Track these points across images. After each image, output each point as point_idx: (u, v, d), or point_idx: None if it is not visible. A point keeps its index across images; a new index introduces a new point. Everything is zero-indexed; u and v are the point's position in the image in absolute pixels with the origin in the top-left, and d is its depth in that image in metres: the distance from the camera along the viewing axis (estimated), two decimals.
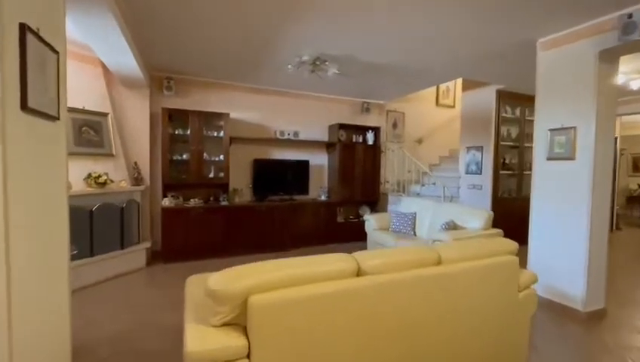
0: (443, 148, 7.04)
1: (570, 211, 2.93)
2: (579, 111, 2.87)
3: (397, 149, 6.17)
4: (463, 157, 5.77)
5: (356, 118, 5.97)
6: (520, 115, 5.54)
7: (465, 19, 2.82)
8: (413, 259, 1.70)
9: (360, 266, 1.57)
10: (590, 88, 2.79)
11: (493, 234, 3.59)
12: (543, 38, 3.12)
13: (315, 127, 5.69)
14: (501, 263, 1.91)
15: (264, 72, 4.47)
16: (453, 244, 1.92)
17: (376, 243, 4.43)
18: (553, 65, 3.06)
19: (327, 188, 5.72)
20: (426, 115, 6.89)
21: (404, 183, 6.18)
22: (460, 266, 1.78)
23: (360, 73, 4.39)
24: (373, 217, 4.63)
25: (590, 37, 2.77)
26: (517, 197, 5.58)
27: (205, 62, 4.09)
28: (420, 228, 4.34)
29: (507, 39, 3.20)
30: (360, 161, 5.63)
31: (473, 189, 5.52)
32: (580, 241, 2.87)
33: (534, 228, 3.25)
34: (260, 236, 4.80)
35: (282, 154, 5.46)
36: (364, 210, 5.90)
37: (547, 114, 3.12)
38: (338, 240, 5.46)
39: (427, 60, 3.87)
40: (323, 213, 5.37)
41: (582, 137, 2.85)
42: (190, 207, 4.40)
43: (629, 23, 2.38)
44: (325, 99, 5.75)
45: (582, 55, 2.84)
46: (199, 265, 4.22)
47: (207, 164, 4.70)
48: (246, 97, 5.16)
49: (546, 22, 2.85)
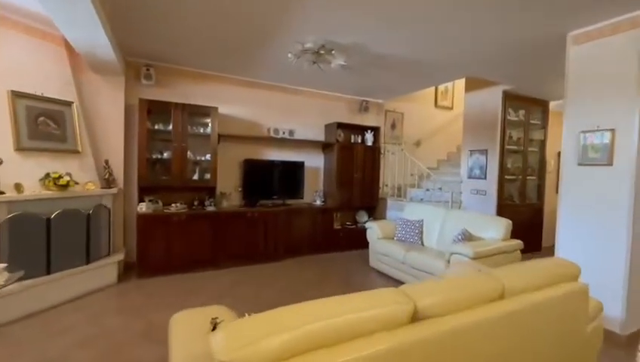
0: (441, 152, 6.78)
1: (607, 223, 2.64)
2: (617, 112, 2.58)
3: (397, 151, 5.83)
4: (465, 160, 5.49)
5: (354, 117, 5.58)
6: (525, 118, 5.33)
7: (489, 10, 2.54)
8: (476, 293, 1.30)
9: (416, 307, 1.14)
10: (631, 86, 2.51)
11: (514, 245, 3.29)
12: (574, 31, 2.82)
13: (311, 126, 5.25)
14: (570, 292, 1.55)
15: (258, 63, 3.99)
16: (513, 269, 1.54)
17: (379, 253, 4.04)
18: (586, 60, 2.78)
19: (322, 192, 5.28)
20: (424, 117, 6.60)
21: (404, 187, 5.85)
22: (528, 299, 1.40)
23: (365, 67, 3.99)
24: (377, 224, 4.24)
25: (630, 30, 2.49)
26: (521, 204, 5.37)
27: (191, 49, 3.57)
28: (429, 237, 3.99)
29: (534, 32, 2.89)
30: (359, 163, 5.24)
31: (477, 195, 5.24)
32: (618, 256, 2.57)
33: (561, 240, 2.95)
34: (250, 245, 4.30)
35: (276, 154, 4.98)
36: (362, 215, 5.51)
37: (578, 114, 2.83)
38: (336, 248, 5.03)
39: (440, 55, 3.53)
40: (319, 219, 4.93)
41: (621, 140, 2.56)
42: (171, 213, 3.85)
43: None
44: (322, 96, 5.32)
45: (621, 50, 2.56)
46: (182, 279, 3.68)
47: (191, 165, 4.16)
48: (237, 91, 4.66)
49: (578, 13, 2.56)
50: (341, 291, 3.46)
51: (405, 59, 3.65)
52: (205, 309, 1.43)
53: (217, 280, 3.70)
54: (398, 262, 3.70)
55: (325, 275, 3.99)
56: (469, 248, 2.99)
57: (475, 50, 3.37)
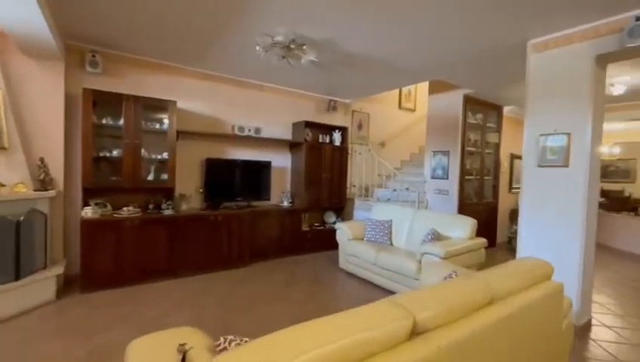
0: (405, 153, 6.94)
1: (563, 220, 2.81)
2: (573, 117, 2.76)
3: (364, 151, 5.84)
4: (428, 161, 5.65)
5: (322, 117, 5.48)
6: (482, 122, 5.62)
7: (455, 17, 2.62)
8: (469, 301, 1.24)
9: (415, 320, 1.05)
10: (585, 93, 2.70)
11: (480, 243, 3.40)
12: (534, 40, 2.98)
13: (278, 124, 5.06)
14: (550, 292, 1.57)
15: (223, 55, 3.71)
16: (497, 273, 1.52)
17: (350, 254, 3.97)
18: (545, 67, 2.94)
19: (290, 192, 5.12)
20: (389, 118, 6.70)
21: (371, 188, 5.88)
22: (515, 302, 1.38)
23: (334, 65, 3.90)
24: (347, 225, 4.17)
25: (586, 40, 2.68)
26: (479, 202, 5.65)
27: (146, 35, 3.21)
28: (397, 237, 4.01)
29: (497, 39, 3.01)
30: (327, 163, 5.15)
31: (440, 194, 5.42)
32: (573, 252, 2.75)
33: (523, 237, 3.10)
34: (213, 250, 4.01)
35: (241, 153, 4.71)
36: (330, 216, 5.44)
37: (538, 118, 2.98)
38: (304, 250, 4.89)
39: (410, 58, 3.55)
40: (287, 220, 4.76)
41: (577, 143, 2.74)
42: (122, 218, 3.44)
43: (636, 26, 2.28)
44: (290, 94, 5.15)
45: (577, 58, 2.74)
46: (135, 291, 3.30)
47: (146, 164, 3.76)
48: (198, 84, 4.32)
49: (538, 23, 2.70)
50: (311, 294, 3.36)
51: (375, 59, 3.62)
52: (170, 333, 1.21)
53: (177, 291, 3.38)
54: (368, 263, 3.66)
55: (294, 279, 3.84)
56: (440, 248, 3.03)
57: (443, 55, 3.43)
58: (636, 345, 2.59)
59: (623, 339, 2.68)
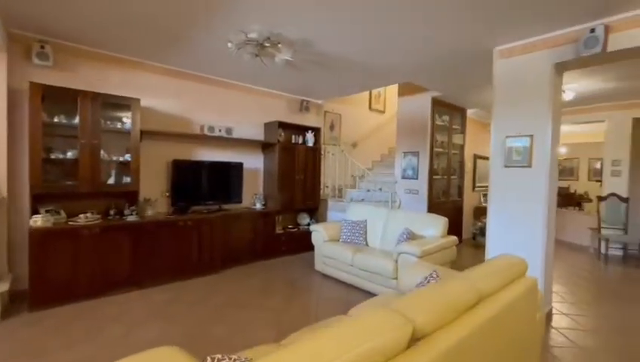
0: (375, 153, 7.07)
1: (528, 217, 2.98)
2: (535, 120, 2.94)
3: (337, 152, 5.85)
4: (399, 162, 5.80)
5: (295, 117, 5.42)
6: (448, 124, 5.87)
7: (425, 22, 2.70)
8: (460, 302, 1.26)
9: (415, 327, 1.03)
10: (546, 98, 2.89)
11: (452, 241, 3.52)
12: (501, 46, 3.14)
13: (249, 124, 4.91)
14: (528, 288, 1.64)
15: (192, 51, 3.52)
16: (480, 272, 1.56)
17: (326, 256, 3.95)
18: (510, 73, 3.11)
19: (263, 194, 4.99)
20: (360, 119, 6.79)
21: (343, 188, 5.91)
22: (500, 301, 1.43)
23: (308, 65, 3.86)
24: (322, 227, 4.14)
25: (546, 49, 2.87)
26: (446, 201, 5.89)
27: (105, 26, 2.95)
28: (372, 237, 4.05)
29: (466, 45, 3.14)
30: (300, 163, 5.09)
31: (410, 194, 5.58)
32: (537, 246, 2.93)
33: (492, 233, 3.25)
34: (182, 257, 3.79)
35: (211, 154, 4.51)
36: (304, 217, 5.38)
37: (504, 121, 3.15)
38: (278, 253, 4.80)
39: (383, 60, 3.60)
40: (260, 223, 4.63)
41: (539, 145, 2.93)
42: (79, 226, 3.13)
43: (590, 38, 2.47)
44: (262, 93, 5.02)
45: (538, 65, 2.92)
46: (95, 306, 3.02)
47: (106, 166, 3.47)
48: (165, 81, 4.06)
49: (504, 30, 2.85)
50: (288, 299, 3.29)
51: (349, 60, 3.63)
52: (147, 356, 1.10)
53: (143, 303, 3.14)
54: (345, 264, 3.66)
55: (270, 283, 3.74)
56: (417, 247, 3.10)
57: (413, 58, 3.52)
58: (590, 331, 2.82)
59: (579, 326, 2.91)
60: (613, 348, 2.55)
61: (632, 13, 2.43)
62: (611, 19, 2.47)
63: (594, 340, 2.66)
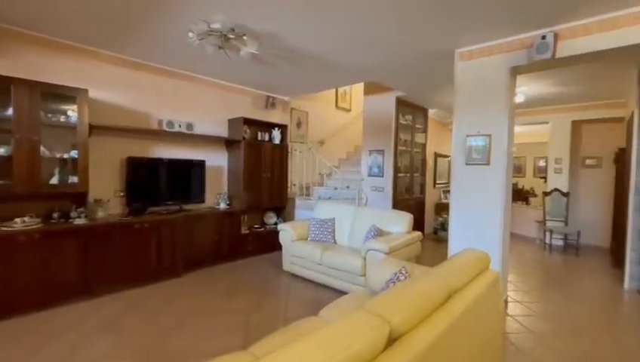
0: (342, 151, 7.12)
1: (487, 212, 3.15)
2: (493, 120, 3.11)
3: (304, 150, 5.79)
4: (365, 159, 5.88)
5: (261, 113, 5.27)
6: (411, 123, 6.06)
7: (390, 21, 2.74)
8: (432, 298, 1.27)
9: (391, 327, 1.02)
10: (502, 100, 3.06)
11: (416, 237, 3.63)
12: (461, 49, 3.27)
13: (213, 120, 4.68)
14: (493, 281, 1.71)
15: (149, 39, 3.26)
16: (448, 267, 1.60)
17: (294, 256, 3.89)
18: (470, 75, 3.25)
19: (227, 194, 4.80)
20: (327, 117, 6.79)
21: (311, 186, 5.87)
22: (469, 295, 1.47)
23: (275, 59, 3.75)
24: (290, 226, 4.07)
25: (502, 53, 3.04)
26: (409, 198, 6.09)
27: (53, 8, 2.62)
28: (340, 235, 4.06)
29: (428, 46, 3.23)
30: (267, 161, 4.97)
31: (376, 191, 5.69)
32: (495, 239, 3.11)
33: (454, 228, 3.39)
34: (139, 262, 3.52)
35: (170, 151, 4.23)
36: (271, 217, 5.27)
37: (465, 121, 3.29)
38: (245, 254, 4.64)
39: (348, 57, 3.59)
40: (225, 224, 4.44)
41: (496, 144, 3.10)
42: (14, 232, 2.77)
43: (541, 44, 2.65)
44: (226, 88, 4.81)
45: (495, 68, 3.09)
46: (33, 322, 2.70)
47: (47, 164, 3.11)
48: (117, 72, 3.73)
49: (465, 34, 2.97)
50: (255, 302, 3.18)
51: (316, 56, 3.58)
52: None
53: (94, 313, 2.87)
54: (314, 263, 3.63)
55: (236, 286, 3.60)
56: (384, 244, 3.14)
57: (378, 57, 3.56)
58: (541, 316, 3.04)
59: (532, 312, 3.13)
60: (560, 330, 2.77)
61: (574, 24, 2.64)
62: (559, 28, 2.67)
63: (544, 324, 2.87)
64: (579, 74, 4.12)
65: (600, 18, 2.54)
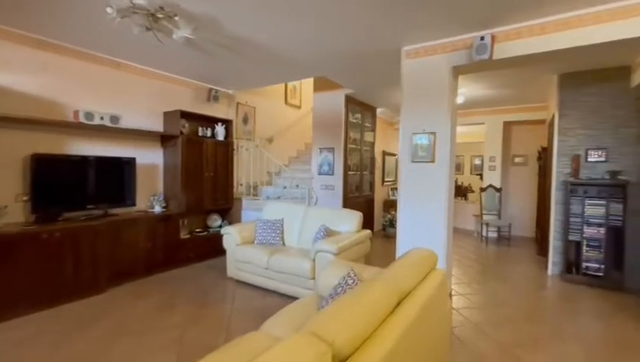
0: (292, 149, 6.92)
1: (432, 209, 3.20)
2: (437, 118, 3.17)
3: (251, 147, 5.49)
4: (315, 158, 5.77)
5: (202, 107, 4.85)
6: (361, 121, 6.08)
7: (336, 15, 2.65)
8: (380, 308, 1.15)
9: (334, 351, 0.86)
10: (446, 99, 3.13)
11: (366, 235, 3.59)
12: (407, 47, 3.28)
13: (143, 113, 4.17)
14: (440, 280, 1.67)
15: (63, 15, 2.73)
16: (397, 270, 1.50)
17: (240, 261, 3.61)
18: (416, 73, 3.28)
19: (163, 195, 4.33)
20: (276, 113, 6.53)
21: (259, 186, 5.59)
22: (420, 298, 1.39)
23: (216, 48, 3.43)
24: (235, 229, 3.78)
25: (446, 53, 3.10)
26: (359, 196, 6.11)
27: None
28: (290, 236, 3.88)
29: (375, 43, 3.20)
30: (209, 159, 4.58)
31: (326, 190, 5.60)
32: (440, 235, 3.17)
33: (402, 224, 3.40)
34: (50, 279, 2.97)
35: (91, 148, 3.66)
36: (215, 219, 4.89)
37: (411, 119, 3.32)
38: (184, 262, 4.23)
39: (295, 50, 3.42)
40: (160, 229, 3.99)
41: (440, 142, 3.16)
42: None
43: (481, 45, 2.74)
44: (162, 77, 4.32)
45: (439, 68, 3.14)
46: None
47: None
48: (22, 52, 3.10)
49: (410, 32, 2.98)
50: (194, 315, 2.84)
51: (261, 46, 3.34)
52: None
53: None
54: (261, 268, 3.40)
55: (172, 298, 3.23)
56: (333, 244, 3.03)
57: (326, 52, 3.44)
58: (481, 307, 3.18)
59: (472, 304, 3.26)
60: (497, 320, 2.90)
61: (508, 27, 2.77)
62: (496, 30, 2.79)
63: (483, 315, 2.99)
64: (510, 78, 4.44)
65: (530, 24, 2.69)
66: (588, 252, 3.84)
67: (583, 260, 3.86)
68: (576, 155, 4.04)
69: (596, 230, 3.79)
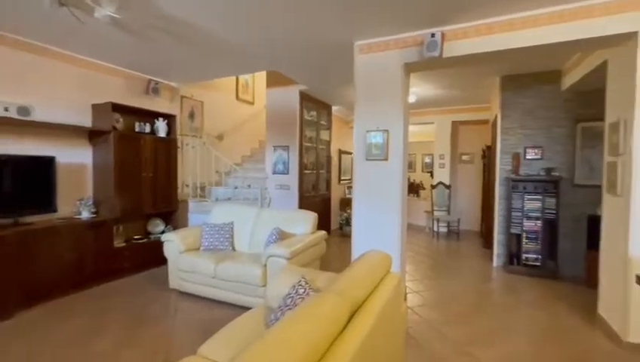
0: (245, 147, 6.59)
1: (387, 207, 3.15)
2: (390, 116, 3.12)
3: (198, 145, 5.07)
4: (270, 156, 5.52)
5: (140, 100, 4.35)
6: (316, 119, 5.95)
7: (287, 7, 2.50)
8: (330, 327, 1.00)
9: None
10: (398, 96, 3.09)
11: (321, 236, 3.46)
12: (360, 42, 3.19)
13: (65, 105, 3.61)
14: (395, 284, 1.57)
15: None
16: (348, 279, 1.37)
17: (183, 270, 3.27)
18: (369, 69, 3.20)
19: (92, 199, 3.80)
20: (226, 109, 6.15)
21: (208, 187, 5.20)
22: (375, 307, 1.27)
23: (154, 33, 3.04)
24: (177, 235, 3.42)
25: (397, 49, 3.06)
26: (315, 195, 5.99)
27: None
28: (240, 241, 3.61)
29: (326, 37, 3.07)
30: (149, 158, 4.12)
31: (281, 189, 5.39)
32: (394, 233, 3.13)
33: (357, 223, 3.31)
34: None
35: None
36: (157, 224, 4.44)
37: (365, 116, 3.23)
38: (120, 274, 3.75)
39: (245, 41, 3.17)
40: (89, 237, 3.48)
41: (393, 140, 3.11)
42: None
43: (431, 42, 2.72)
44: (86, 64, 3.77)
45: (391, 64, 3.09)
46: None
47: None
48: None
49: (362, 27, 2.89)
50: (128, 337, 2.43)
51: (204, 32, 3.03)
52: None
53: None
54: (207, 277, 3.10)
55: (102, 319, 2.80)
56: (285, 248, 2.84)
57: (275, 43, 3.23)
58: (434, 305, 3.22)
59: (426, 301, 3.29)
60: (450, 317, 2.94)
61: (457, 26, 2.79)
62: (446, 29, 2.79)
63: (436, 312, 3.02)
64: (457, 79, 4.59)
65: (476, 24, 2.73)
66: (527, 244, 4.10)
67: (523, 251, 4.12)
68: (517, 153, 4.29)
69: (534, 223, 4.06)
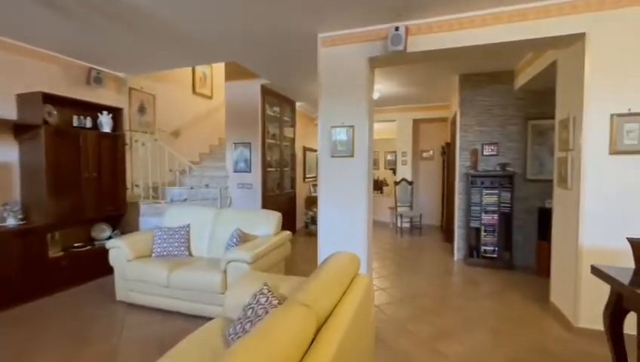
0: (204, 144, 6.21)
1: (353, 204, 3.08)
2: (355, 111, 3.04)
3: (150, 142, 4.66)
4: (230, 153, 5.24)
5: (79, 91, 3.87)
6: (279, 115, 5.75)
7: None
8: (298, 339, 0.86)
9: None
10: (363, 91, 3.02)
11: (285, 237, 3.30)
12: (323, 34, 3.08)
13: None
14: (365, 288, 1.48)
15: None
16: (315, 287, 1.24)
17: (132, 280, 2.95)
18: (333, 62, 3.10)
19: (20, 203, 3.31)
20: (182, 103, 5.74)
21: (162, 187, 4.80)
22: (343, 316, 1.16)
23: (94, 15, 2.68)
24: (125, 241, 3.07)
25: (361, 43, 2.98)
26: (280, 193, 5.81)
27: None
28: (198, 245, 3.35)
29: (287, 27, 2.92)
30: (91, 156, 3.68)
31: (243, 188, 5.14)
32: (360, 230, 3.08)
33: (322, 221, 3.20)
34: None
35: None
36: (102, 230, 4.00)
37: (329, 111, 3.13)
38: (57, 287, 3.31)
39: (195, 25, 2.90)
40: (16, 247, 3.02)
41: (359, 136, 3.04)
42: None
43: (395, 35, 2.68)
44: (11, 48, 3.26)
45: (355, 58, 3.02)
46: None
47: None
48: None
49: (324, 18, 2.78)
50: (67, 358, 2.17)
51: (154, 16, 2.73)
52: None
53: None
54: (160, 286, 2.81)
55: (34, 341, 2.42)
56: (247, 252, 2.65)
57: (237, 30, 3.01)
58: (400, 301, 3.21)
59: (392, 299, 3.27)
60: (415, 313, 2.94)
61: (421, 21, 2.78)
62: (410, 23, 2.77)
63: (403, 310, 3.01)
64: (419, 76, 4.66)
65: (438, 19, 2.73)
66: (485, 236, 4.27)
67: (481, 244, 4.28)
68: (475, 149, 4.45)
69: (491, 216, 4.23)
